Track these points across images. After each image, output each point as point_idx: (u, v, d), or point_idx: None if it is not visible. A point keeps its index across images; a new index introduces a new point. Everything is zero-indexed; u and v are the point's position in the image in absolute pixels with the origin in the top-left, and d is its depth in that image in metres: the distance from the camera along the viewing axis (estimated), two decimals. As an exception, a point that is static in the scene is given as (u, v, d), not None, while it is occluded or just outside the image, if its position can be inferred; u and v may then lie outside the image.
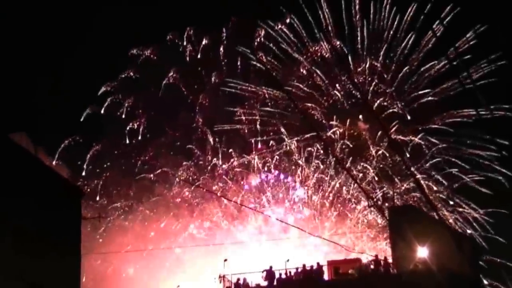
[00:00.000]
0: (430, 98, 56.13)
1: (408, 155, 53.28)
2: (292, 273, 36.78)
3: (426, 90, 56.47)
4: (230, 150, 56.49)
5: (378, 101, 56.16)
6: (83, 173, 55.16)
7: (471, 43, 53.62)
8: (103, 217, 46.82)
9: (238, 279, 37.10)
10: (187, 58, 58.56)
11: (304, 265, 36.93)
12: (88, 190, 52.33)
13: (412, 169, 48.24)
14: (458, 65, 53.83)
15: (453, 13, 54.75)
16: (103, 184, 55.29)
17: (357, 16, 56.77)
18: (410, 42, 56.78)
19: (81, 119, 56.63)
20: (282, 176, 55.92)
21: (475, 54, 54.38)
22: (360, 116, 56.12)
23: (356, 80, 55.54)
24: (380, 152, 55.01)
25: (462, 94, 56.04)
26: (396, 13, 56.64)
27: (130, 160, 56.67)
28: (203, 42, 58.17)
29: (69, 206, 30.08)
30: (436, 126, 55.62)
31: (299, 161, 55.66)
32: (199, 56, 58.55)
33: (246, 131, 56.67)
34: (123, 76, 57.60)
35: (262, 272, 36.85)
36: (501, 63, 54.13)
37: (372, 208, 50.66)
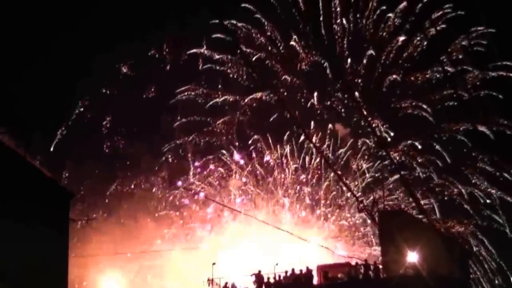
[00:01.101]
0: (418, 111, 55.78)
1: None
2: (281, 277, 36.54)
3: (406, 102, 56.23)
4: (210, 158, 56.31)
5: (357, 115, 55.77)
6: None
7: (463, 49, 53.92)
8: (91, 219, 46.44)
9: (227, 283, 36.80)
10: (168, 67, 58.28)
11: (293, 269, 36.70)
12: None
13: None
14: (447, 73, 54.45)
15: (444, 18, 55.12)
16: (83, 193, 54.77)
17: (338, 28, 56.72)
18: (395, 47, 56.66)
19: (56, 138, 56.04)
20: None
21: (472, 62, 54.83)
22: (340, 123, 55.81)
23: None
24: (364, 164, 54.68)
25: (456, 106, 55.28)
26: (380, 19, 56.74)
27: (110, 171, 56.26)
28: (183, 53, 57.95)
29: (57, 208, 29.77)
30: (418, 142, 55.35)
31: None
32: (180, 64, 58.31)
33: (224, 140, 56.56)
34: (104, 91, 57.26)
35: (251, 276, 36.59)
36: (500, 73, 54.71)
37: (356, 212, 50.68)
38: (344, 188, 49.71)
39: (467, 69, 54.53)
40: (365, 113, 53.43)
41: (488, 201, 54.54)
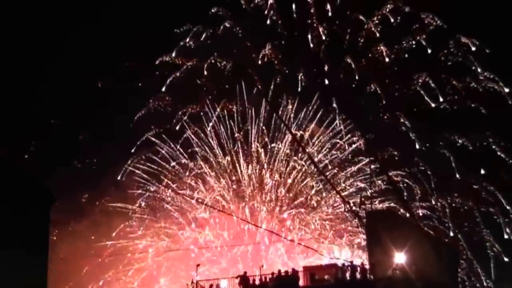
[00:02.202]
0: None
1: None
2: (267, 279, 35.96)
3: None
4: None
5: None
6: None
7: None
8: (73, 220, 45.92)
9: (211, 285, 36.21)
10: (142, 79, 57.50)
11: (279, 271, 36.20)
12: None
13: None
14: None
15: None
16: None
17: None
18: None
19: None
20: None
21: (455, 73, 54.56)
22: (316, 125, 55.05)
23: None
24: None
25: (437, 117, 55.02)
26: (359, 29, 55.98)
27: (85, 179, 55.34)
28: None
29: (38, 209, 29.49)
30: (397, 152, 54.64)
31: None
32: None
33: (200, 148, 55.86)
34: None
35: (236, 277, 36.05)
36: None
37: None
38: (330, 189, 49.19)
39: (449, 81, 54.23)
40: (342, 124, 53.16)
41: (464, 204, 54.31)
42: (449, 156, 53.95)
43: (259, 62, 55.92)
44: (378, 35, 55.56)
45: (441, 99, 54.26)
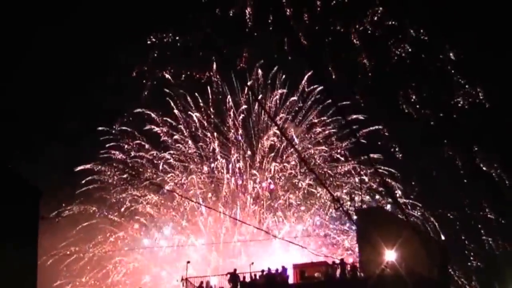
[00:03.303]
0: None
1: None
2: (257, 276, 35.83)
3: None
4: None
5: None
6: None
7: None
8: (62, 217, 45.51)
9: (202, 282, 35.98)
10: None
11: (269, 268, 36.02)
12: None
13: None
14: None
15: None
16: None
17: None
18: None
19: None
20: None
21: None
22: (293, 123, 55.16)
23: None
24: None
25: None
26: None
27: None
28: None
29: (27, 206, 29.21)
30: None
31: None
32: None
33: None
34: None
35: (226, 275, 35.88)
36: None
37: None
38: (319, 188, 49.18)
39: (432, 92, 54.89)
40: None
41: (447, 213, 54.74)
42: (431, 166, 54.58)
43: (238, 68, 56.07)
44: (358, 44, 56.22)
45: (423, 110, 54.90)
